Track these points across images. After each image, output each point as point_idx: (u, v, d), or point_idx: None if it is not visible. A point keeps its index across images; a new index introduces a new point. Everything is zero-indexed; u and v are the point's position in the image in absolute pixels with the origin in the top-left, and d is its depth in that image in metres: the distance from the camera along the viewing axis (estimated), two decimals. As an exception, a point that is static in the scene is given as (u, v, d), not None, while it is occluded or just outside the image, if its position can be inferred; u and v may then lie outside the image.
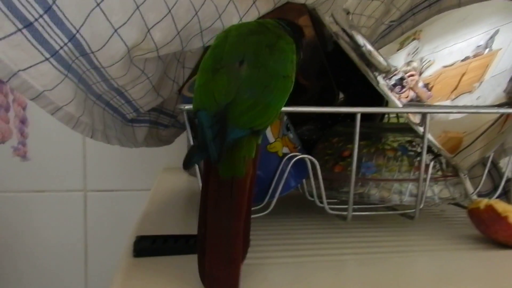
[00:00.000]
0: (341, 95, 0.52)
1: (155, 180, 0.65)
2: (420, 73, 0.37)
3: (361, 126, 0.47)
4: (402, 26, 0.39)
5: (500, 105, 0.37)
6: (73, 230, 0.76)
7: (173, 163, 0.75)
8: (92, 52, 0.31)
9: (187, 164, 0.27)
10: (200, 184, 0.37)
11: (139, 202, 0.51)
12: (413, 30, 0.39)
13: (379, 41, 0.40)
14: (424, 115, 0.35)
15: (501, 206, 0.33)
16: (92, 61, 0.32)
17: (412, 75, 0.37)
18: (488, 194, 0.46)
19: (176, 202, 0.51)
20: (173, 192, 0.56)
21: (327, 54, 0.46)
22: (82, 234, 0.76)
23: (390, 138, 0.44)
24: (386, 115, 0.56)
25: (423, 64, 0.37)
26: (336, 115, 0.52)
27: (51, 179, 0.74)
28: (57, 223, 0.75)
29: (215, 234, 0.26)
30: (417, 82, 0.37)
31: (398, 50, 0.38)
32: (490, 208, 0.33)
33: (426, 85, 0.37)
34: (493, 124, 0.38)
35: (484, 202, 0.34)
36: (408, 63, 0.37)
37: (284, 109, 0.30)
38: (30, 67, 0.28)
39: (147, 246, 0.31)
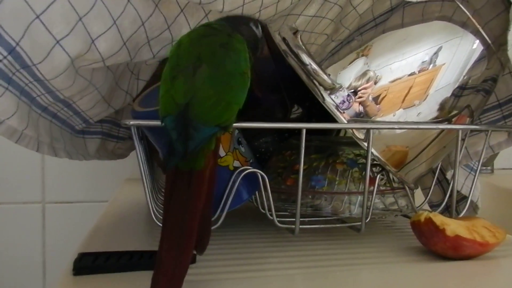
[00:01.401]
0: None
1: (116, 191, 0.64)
2: (375, 83, 0.38)
3: (316, 139, 0.48)
4: (350, 45, 0.40)
5: (440, 121, 0.38)
6: (31, 243, 0.73)
7: (136, 174, 0.73)
8: (34, 65, 0.31)
9: (165, 169, 0.28)
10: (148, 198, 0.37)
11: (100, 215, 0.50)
12: (362, 47, 0.40)
13: (329, 59, 0.41)
14: (368, 131, 0.36)
15: (439, 219, 0.34)
16: (34, 74, 0.32)
17: (365, 88, 0.38)
18: (440, 205, 0.48)
19: (133, 216, 0.50)
20: (132, 205, 0.55)
21: (283, 69, 0.47)
22: (40, 248, 0.73)
23: (345, 151, 0.45)
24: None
25: (376, 76, 0.38)
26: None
27: (8, 190, 0.72)
28: (14, 236, 0.72)
29: (170, 224, 0.27)
30: (368, 95, 0.38)
31: (349, 64, 0.40)
32: (429, 221, 0.34)
33: (375, 99, 0.38)
34: (435, 138, 0.39)
35: (424, 215, 0.35)
36: (361, 76, 0.38)
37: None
38: None
39: (88, 264, 0.30)
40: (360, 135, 0.37)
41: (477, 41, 0.38)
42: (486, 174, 0.78)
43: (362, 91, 0.38)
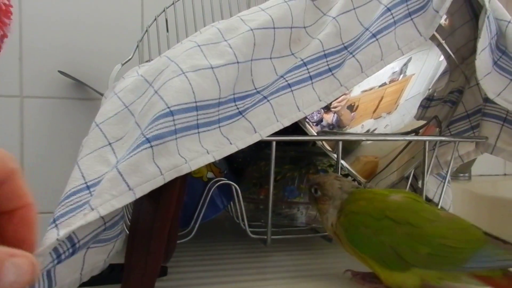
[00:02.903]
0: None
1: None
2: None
3: (291, 150, 0.49)
4: None
5: (408, 132, 0.39)
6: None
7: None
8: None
9: None
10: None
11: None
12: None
13: None
14: (337, 142, 0.37)
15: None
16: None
17: (345, 94, 0.39)
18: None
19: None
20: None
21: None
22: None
23: (322, 161, 0.45)
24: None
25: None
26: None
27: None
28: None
29: (140, 232, 0.27)
30: (344, 105, 0.38)
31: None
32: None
33: (349, 108, 0.39)
34: (404, 149, 0.40)
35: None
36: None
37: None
38: None
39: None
40: (330, 146, 0.38)
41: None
42: (464, 181, 0.79)
43: (340, 99, 0.39)
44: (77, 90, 0.67)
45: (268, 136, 0.35)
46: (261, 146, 0.54)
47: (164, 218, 0.27)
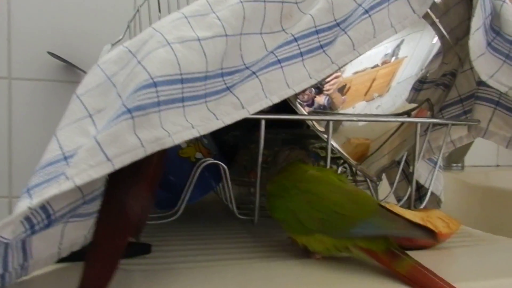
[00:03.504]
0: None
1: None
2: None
3: (284, 132, 0.48)
4: None
5: (400, 114, 0.39)
6: (-1, 239, 0.71)
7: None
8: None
9: None
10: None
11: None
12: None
13: None
14: (328, 123, 0.36)
15: (395, 210, 0.34)
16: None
17: (336, 77, 0.38)
18: (408, 198, 0.48)
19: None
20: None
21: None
22: (8, 243, 0.72)
23: (314, 144, 0.45)
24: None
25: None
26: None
27: (-26, 185, 0.70)
28: (-19, 232, 0.71)
29: (112, 207, 0.26)
30: (336, 88, 0.38)
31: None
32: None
33: (340, 90, 0.38)
34: (395, 131, 0.40)
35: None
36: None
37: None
38: None
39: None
40: (321, 127, 0.37)
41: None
42: (457, 171, 0.79)
43: (332, 81, 0.38)
44: (67, 72, 0.66)
45: (257, 114, 0.35)
46: (253, 130, 0.53)
47: (137, 195, 0.27)
